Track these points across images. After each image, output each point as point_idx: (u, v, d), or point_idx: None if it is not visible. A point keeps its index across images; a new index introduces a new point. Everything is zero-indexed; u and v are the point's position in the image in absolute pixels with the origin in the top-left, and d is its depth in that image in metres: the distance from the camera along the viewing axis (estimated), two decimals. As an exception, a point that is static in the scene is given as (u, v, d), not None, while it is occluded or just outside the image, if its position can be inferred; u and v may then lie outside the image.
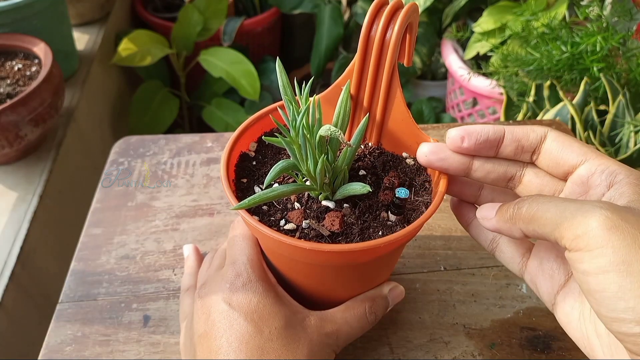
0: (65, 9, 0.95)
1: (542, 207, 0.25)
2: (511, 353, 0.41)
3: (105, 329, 0.43)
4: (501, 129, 0.30)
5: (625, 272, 0.21)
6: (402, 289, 0.39)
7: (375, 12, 0.31)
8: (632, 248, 0.22)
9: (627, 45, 0.75)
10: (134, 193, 0.54)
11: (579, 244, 0.23)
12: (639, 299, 0.21)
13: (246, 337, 0.32)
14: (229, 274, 0.35)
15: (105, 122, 1.16)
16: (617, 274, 0.22)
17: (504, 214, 0.28)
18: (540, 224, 0.25)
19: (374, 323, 0.37)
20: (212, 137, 0.61)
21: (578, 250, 0.23)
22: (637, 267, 0.21)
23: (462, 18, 1.33)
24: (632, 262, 0.21)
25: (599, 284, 0.22)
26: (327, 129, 0.28)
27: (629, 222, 0.22)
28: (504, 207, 0.28)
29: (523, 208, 0.27)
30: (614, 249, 0.22)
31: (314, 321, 0.35)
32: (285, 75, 0.33)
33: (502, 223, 0.28)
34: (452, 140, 0.31)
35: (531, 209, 0.26)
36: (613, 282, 0.22)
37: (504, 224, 0.28)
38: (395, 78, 0.33)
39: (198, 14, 1.26)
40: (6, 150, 0.74)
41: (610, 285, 0.22)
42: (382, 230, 0.31)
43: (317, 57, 1.41)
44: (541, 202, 0.26)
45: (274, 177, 0.30)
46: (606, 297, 0.22)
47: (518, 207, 0.27)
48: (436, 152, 0.31)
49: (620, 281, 0.22)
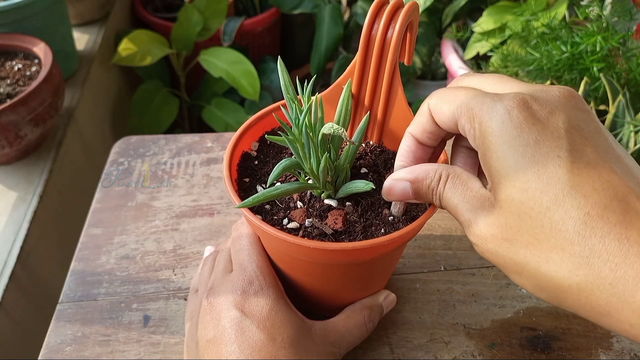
0: (65, 9, 0.95)
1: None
2: (511, 353, 0.41)
3: (105, 329, 0.43)
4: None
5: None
6: (394, 296, 0.41)
7: (376, 12, 0.31)
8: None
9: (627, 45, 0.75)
10: (134, 193, 0.54)
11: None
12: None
13: (259, 344, 0.32)
14: (239, 279, 0.35)
15: (105, 122, 1.16)
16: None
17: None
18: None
19: (371, 331, 0.39)
20: (212, 137, 0.61)
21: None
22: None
23: (462, 18, 1.33)
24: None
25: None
26: (330, 127, 0.28)
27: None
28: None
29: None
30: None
31: (319, 330, 0.35)
32: (287, 74, 0.33)
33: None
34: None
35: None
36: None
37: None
38: (397, 77, 0.33)
39: (198, 14, 1.26)
40: (6, 150, 0.74)
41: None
42: (384, 228, 0.31)
43: (317, 57, 1.41)
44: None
45: (277, 176, 0.30)
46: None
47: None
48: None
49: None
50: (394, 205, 0.32)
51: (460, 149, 0.30)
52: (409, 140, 0.30)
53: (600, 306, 0.22)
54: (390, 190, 0.30)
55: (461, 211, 0.26)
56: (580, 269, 0.22)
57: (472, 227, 0.26)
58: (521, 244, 0.23)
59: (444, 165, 0.28)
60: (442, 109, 0.27)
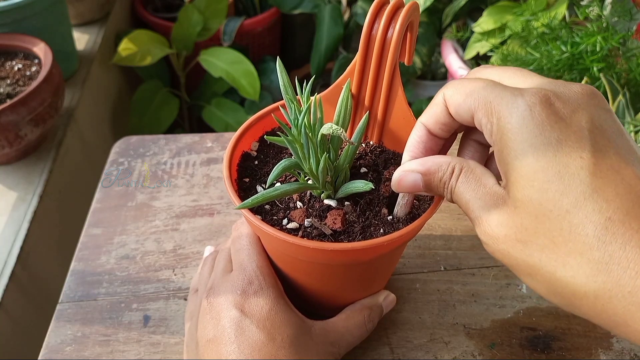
0: (65, 9, 0.95)
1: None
2: (511, 353, 0.41)
3: (105, 329, 0.43)
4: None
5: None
6: (394, 297, 0.40)
7: (376, 12, 0.31)
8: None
9: (627, 45, 0.75)
10: (134, 193, 0.54)
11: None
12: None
13: (258, 344, 0.32)
14: (239, 279, 0.35)
15: (105, 122, 1.16)
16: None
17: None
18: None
19: (371, 331, 0.38)
20: (212, 137, 0.61)
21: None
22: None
23: (462, 18, 1.33)
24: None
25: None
26: (330, 127, 0.28)
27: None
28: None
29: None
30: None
31: (319, 330, 0.35)
32: (286, 75, 0.33)
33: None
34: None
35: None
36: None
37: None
38: (397, 77, 0.33)
39: (198, 14, 1.26)
40: (6, 150, 0.74)
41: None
42: (383, 228, 0.31)
43: (317, 57, 1.41)
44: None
45: (277, 176, 0.30)
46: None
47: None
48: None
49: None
50: (397, 206, 0.32)
51: (470, 142, 0.29)
52: (420, 130, 0.29)
53: (617, 315, 0.21)
54: (400, 181, 0.29)
55: (473, 208, 0.25)
56: (598, 275, 0.21)
57: (483, 225, 0.25)
58: (536, 246, 0.23)
59: (458, 158, 0.27)
60: (458, 100, 0.26)
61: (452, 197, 0.27)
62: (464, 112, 0.26)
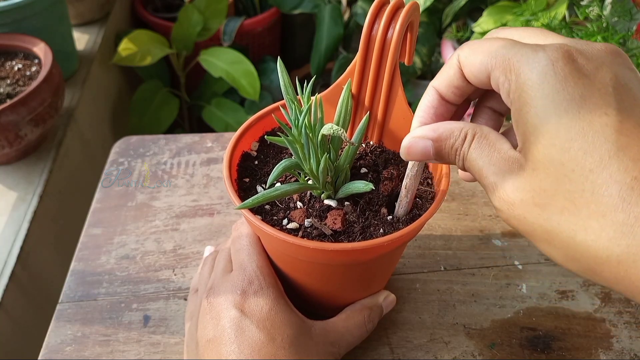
0: (65, 9, 0.95)
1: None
2: (511, 353, 0.41)
3: (105, 329, 0.43)
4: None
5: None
6: (394, 297, 0.40)
7: (376, 12, 0.31)
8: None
9: (627, 45, 0.75)
10: (134, 193, 0.54)
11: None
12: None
13: (258, 344, 0.32)
14: (239, 279, 0.35)
15: (105, 122, 1.16)
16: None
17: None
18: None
19: (371, 331, 0.39)
20: (212, 137, 0.61)
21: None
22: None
23: (462, 18, 1.33)
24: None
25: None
26: (330, 128, 0.28)
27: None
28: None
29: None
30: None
31: (319, 330, 0.35)
32: (286, 75, 0.33)
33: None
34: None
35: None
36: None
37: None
38: (397, 77, 0.33)
39: (198, 14, 1.26)
40: (6, 150, 0.74)
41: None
42: (383, 228, 0.31)
43: (317, 57, 1.41)
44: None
45: (277, 176, 0.30)
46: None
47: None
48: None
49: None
50: (398, 205, 0.32)
51: (484, 109, 0.28)
52: (431, 94, 0.28)
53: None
54: (409, 148, 0.27)
55: (486, 174, 0.24)
56: (622, 238, 0.19)
57: (498, 191, 0.23)
58: (555, 209, 0.21)
59: (471, 124, 0.25)
60: (473, 61, 0.24)
61: (464, 164, 0.26)
62: (480, 72, 0.24)
